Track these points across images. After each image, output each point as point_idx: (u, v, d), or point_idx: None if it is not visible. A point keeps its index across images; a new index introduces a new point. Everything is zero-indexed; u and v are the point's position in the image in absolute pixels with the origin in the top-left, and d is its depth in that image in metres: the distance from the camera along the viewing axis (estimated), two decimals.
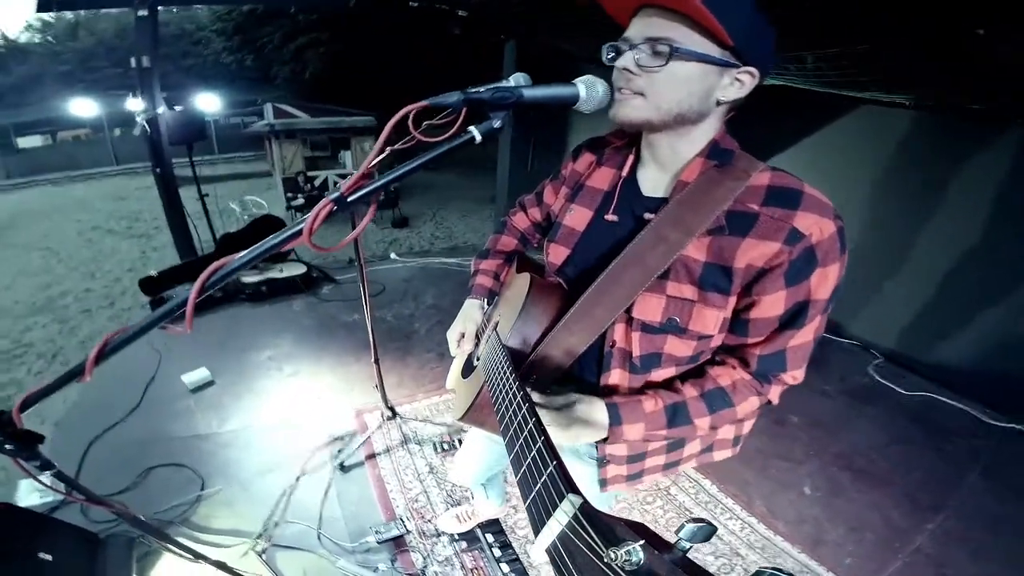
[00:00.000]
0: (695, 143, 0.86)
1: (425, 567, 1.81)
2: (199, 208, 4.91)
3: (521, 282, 1.04)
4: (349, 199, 0.71)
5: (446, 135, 0.77)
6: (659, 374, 0.92)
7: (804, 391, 3.02)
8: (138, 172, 12.90)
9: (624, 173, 0.95)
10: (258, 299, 4.26)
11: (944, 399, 3.06)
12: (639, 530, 0.36)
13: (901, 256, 3.45)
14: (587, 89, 0.81)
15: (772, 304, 0.81)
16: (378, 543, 1.88)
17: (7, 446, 0.77)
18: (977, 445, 2.68)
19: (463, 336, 1.18)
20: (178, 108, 4.59)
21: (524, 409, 0.62)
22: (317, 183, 8.02)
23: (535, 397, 0.86)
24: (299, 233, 0.70)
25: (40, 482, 0.82)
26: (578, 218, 0.99)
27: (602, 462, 1.02)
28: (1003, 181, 2.91)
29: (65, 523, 1.61)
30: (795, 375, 0.87)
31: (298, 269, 4.51)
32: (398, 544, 1.91)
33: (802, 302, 0.80)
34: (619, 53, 0.80)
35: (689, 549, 0.34)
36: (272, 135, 9.49)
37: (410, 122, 0.78)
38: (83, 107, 5.18)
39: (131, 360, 3.19)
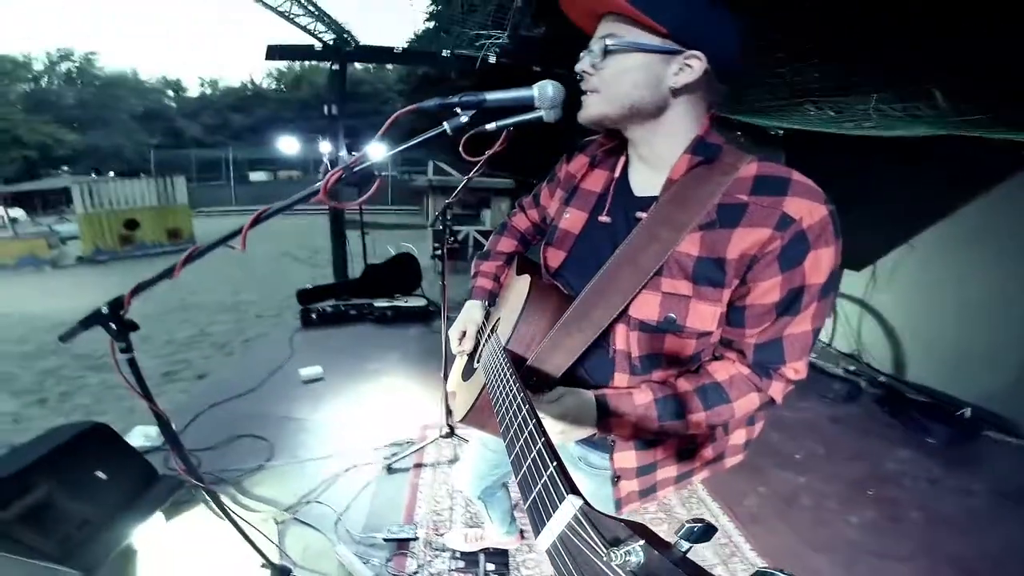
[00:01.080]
0: (672, 139, 0.87)
1: (416, 573, 1.81)
2: (361, 248, 5.74)
3: (521, 284, 1.06)
4: (355, 169, 0.92)
5: (488, 153, 1.00)
6: (660, 376, 0.91)
7: (940, 488, 2.51)
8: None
9: (616, 174, 0.97)
10: (383, 322, 4.92)
11: None
12: (639, 530, 0.36)
13: None
14: (539, 90, 0.89)
15: (768, 291, 0.80)
16: (384, 540, 1.93)
17: (112, 325, 1.00)
18: None
19: (464, 337, 1.22)
20: (355, 154, 5.48)
21: (524, 411, 0.63)
22: (460, 236, 8.78)
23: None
24: (317, 191, 0.90)
25: (115, 363, 1.04)
26: (573, 221, 1.02)
27: (614, 480, 0.99)
28: None
29: (138, 454, 1.93)
30: (796, 368, 0.84)
31: (420, 302, 5.16)
32: (401, 546, 1.93)
33: (797, 288, 0.79)
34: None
35: (689, 549, 0.34)
36: (430, 190, 10.73)
37: (461, 150, 0.98)
38: (288, 145, 6.40)
39: (270, 352, 3.89)
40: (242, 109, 34.23)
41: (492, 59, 4.08)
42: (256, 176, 20.50)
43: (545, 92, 0.88)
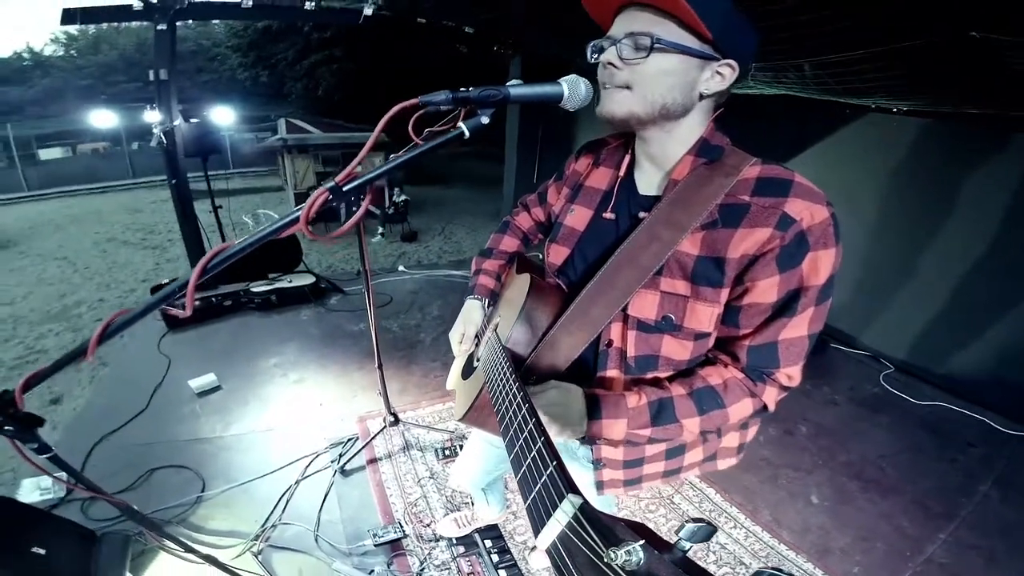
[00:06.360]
0: (683, 140, 0.87)
1: (422, 571, 1.80)
2: (212, 221, 4.97)
3: (521, 283, 1.05)
4: (344, 188, 0.74)
5: (443, 137, 0.80)
6: (654, 376, 0.91)
7: (813, 401, 3.02)
8: (154, 185, 13.19)
9: (621, 173, 0.96)
10: (267, 308, 4.31)
11: (956, 408, 3.01)
12: (639, 530, 0.36)
13: (912, 266, 3.40)
14: (570, 87, 0.83)
15: (765, 291, 0.80)
16: (375, 546, 1.88)
17: (7, 428, 0.77)
18: (990, 453, 2.64)
19: (464, 337, 1.18)
20: (194, 121, 4.67)
21: (524, 410, 0.62)
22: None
23: None
24: (296, 220, 0.73)
25: (33, 463, 0.82)
26: (578, 218, 1.01)
27: (597, 465, 1.01)
28: (1013, 188, 2.88)
29: (62, 519, 1.61)
30: (789, 373, 0.84)
31: (307, 280, 4.57)
32: (395, 547, 1.90)
33: (795, 289, 0.79)
34: (602, 51, 0.83)
35: (689, 549, 0.34)
36: (285, 150, 9.70)
37: (411, 129, 0.81)
38: (103, 119, 5.25)
39: (140, 365, 3.25)
40: (19, 81, 27.41)
41: (369, 11, 3.71)
42: (49, 154, 16.48)
43: (577, 90, 0.83)
